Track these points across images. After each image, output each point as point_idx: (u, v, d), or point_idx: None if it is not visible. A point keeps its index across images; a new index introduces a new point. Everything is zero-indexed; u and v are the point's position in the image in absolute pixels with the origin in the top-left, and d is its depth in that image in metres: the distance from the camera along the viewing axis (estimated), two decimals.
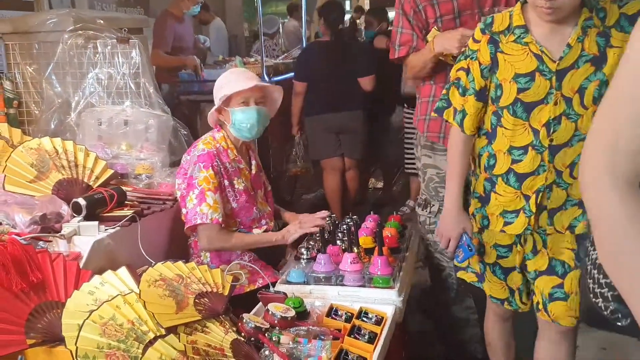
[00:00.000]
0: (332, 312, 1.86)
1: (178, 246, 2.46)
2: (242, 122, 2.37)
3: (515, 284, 2.02)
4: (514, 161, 1.86)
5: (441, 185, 2.41)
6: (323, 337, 1.66)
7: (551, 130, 1.79)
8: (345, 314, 1.85)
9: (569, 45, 1.75)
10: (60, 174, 2.29)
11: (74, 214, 2.13)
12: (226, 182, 2.36)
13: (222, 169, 2.35)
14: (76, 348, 1.64)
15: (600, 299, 1.08)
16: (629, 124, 0.83)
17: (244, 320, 1.71)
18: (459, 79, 1.94)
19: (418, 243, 2.53)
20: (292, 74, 4.66)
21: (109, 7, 5.14)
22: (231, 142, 2.43)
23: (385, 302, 1.93)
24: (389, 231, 2.31)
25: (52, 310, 1.80)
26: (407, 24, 2.37)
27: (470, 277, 2.14)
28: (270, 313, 1.74)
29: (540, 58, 1.77)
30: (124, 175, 2.58)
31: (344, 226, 2.33)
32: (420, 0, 2.32)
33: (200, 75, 4.73)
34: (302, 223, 2.39)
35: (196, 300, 1.74)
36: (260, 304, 1.92)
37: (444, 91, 2.01)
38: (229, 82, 2.40)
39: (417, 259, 2.62)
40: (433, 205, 2.50)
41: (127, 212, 2.19)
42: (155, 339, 1.64)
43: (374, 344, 1.70)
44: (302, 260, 2.18)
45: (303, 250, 2.22)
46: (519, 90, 1.81)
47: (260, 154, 3.46)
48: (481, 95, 1.90)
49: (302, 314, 1.83)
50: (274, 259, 2.49)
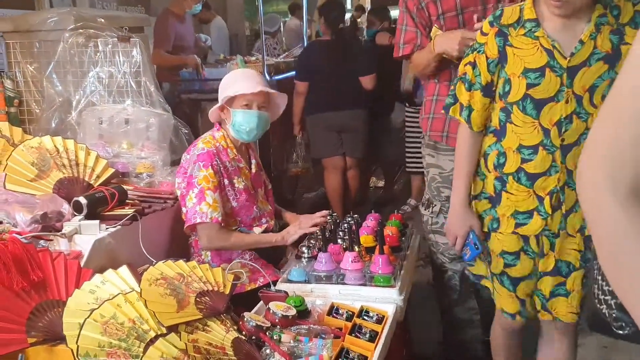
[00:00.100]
0: (333, 311, 1.86)
1: (179, 245, 2.46)
2: (242, 125, 2.36)
3: (525, 292, 1.96)
4: (524, 160, 1.82)
5: (443, 185, 2.40)
6: (324, 336, 1.66)
7: (563, 130, 1.75)
8: (346, 312, 1.85)
9: (581, 42, 1.70)
10: (61, 172, 2.28)
11: (75, 213, 2.13)
12: (226, 181, 2.36)
13: (222, 168, 2.35)
14: (77, 347, 1.64)
15: (604, 306, 1.07)
16: (632, 122, 0.80)
17: (245, 319, 1.71)
18: (465, 73, 1.89)
19: (419, 242, 2.52)
20: (293, 72, 4.65)
21: (110, 6, 5.14)
22: (231, 141, 2.43)
23: (386, 301, 1.92)
24: (390, 230, 2.31)
25: (53, 309, 1.80)
26: (411, 22, 2.35)
27: (480, 270, 2.08)
28: (271, 312, 1.74)
29: (551, 53, 1.72)
30: (125, 174, 2.58)
31: (345, 225, 2.32)
32: None
33: (201, 74, 4.73)
34: (302, 224, 2.39)
35: (197, 299, 1.75)
36: (262, 302, 1.92)
37: (452, 87, 1.97)
38: (235, 83, 2.38)
39: (418, 257, 2.62)
40: (435, 205, 2.47)
41: (128, 211, 2.19)
42: (157, 337, 1.64)
43: (375, 343, 1.69)
44: (303, 259, 2.18)
45: (304, 249, 2.21)
46: (529, 86, 1.75)
47: (261, 153, 3.46)
48: (487, 90, 1.85)
49: (303, 313, 1.83)
50: (274, 257, 2.48)
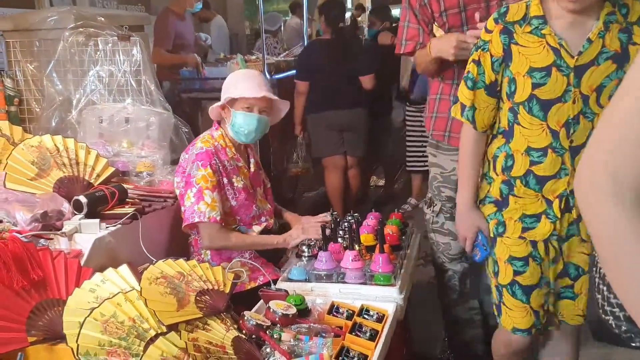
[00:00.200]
0: (334, 310, 1.86)
1: (179, 244, 2.46)
2: (241, 127, 2.36)
3: (539, 303, 1.86)
4: (533, 163, 1.77)
5: (444, 185, 2.38)
6: (324, 335, 1.66)
7: (571, 131, 1.70)
8: (347, 311, 1.85)
9: (590, 40, 1.65)
10: (62, 171, 2.28)
11: (75, 212, 2.13)
12: (225, 180, 2.35)
13: (221, 167, 2.35)
14: (77, 346, 1.64)
15: (611, 317, 1.04)
16: (637, 124, 0.78)
17: (245, 318, 1.71)
18: (469, 71, 1.83)
19: (419, 241, 2.52)
20: (294, 71, 4.65)
21: (110, 5, 5.15)
22: (229, 141, 2.43)
23: (387, 300, 1.92)
24: (390, 229, 2.31)
25: (53, 307, 1.80)
26: (414, 19, 2.31)
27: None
28: (271, 310, 1.74)
29: (558, 52, 1.67)
30: (125, 173, 2.58)
31: (346, 224, 2.32)
32: None
33: (201, 73, 4.73)
34: (305, 229, 2.38)
35: (197, 298, 1.74)
36: (262, 301, 1.92)
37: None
38: (239, 84, 2.38)
39: (418, 256, 2.62)
40: (436, 204, 2.45)
41: (128, 210, 2.19)
42: (157, 336, 1.64)
43: (375, 342, 1.69)
44: (304, 258, 2.18)
45: (304, 247, 2.21)
46: (534, 86, 1.70)
47: (261, 152, 3.46)
48: (491, 89, 1.80)
49: (304, 312, 1.82)
50: (275, 256, 2.48)
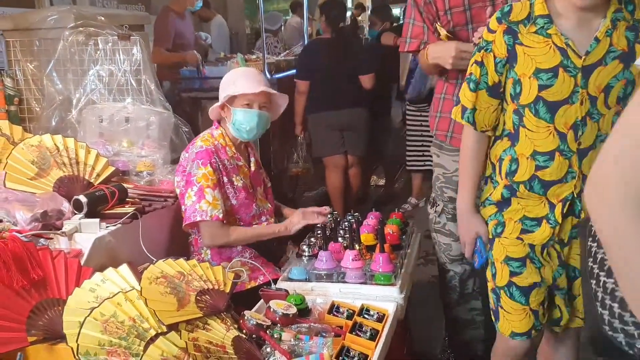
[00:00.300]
0: (334, 309, 1.86)
1: (179, 243, 2.45)
2: (242, 124, 2.36)
3: (538, 302, 1.82)
4: (539, 167, 1.71)
5: (446, 185, 2.36)
6: (325, 334, 1.66)
7: (579, 133, 1.65)
8: (347, 311, 1.85)
9: (597, 39, 1.61)
10: (62, 171, 2.28)
11: (75, 211, 2.12)
12: (225, 179, 2.35)
13: (221, 166, 2.34)
14: (77, 345, 1.64)
15: (622, 335, 0.99)
16: None
17: (246, 318, 1.71)
18: (471, 73, 1.77)
19: (419, 240, 2.52)
20: (294, 70, 4.65)
21: (110, 4, 5.15)
22: (229, 140, 2.43)
23: (387, 299, 1.92)
24: (390, 228, 2.31)
25: (53, 307, 1.80)
26: (419, 16, 2.28)
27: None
28: (271, 310, 1.74)
29: (565, 52, 1.62)
30: (125, 173, 2.58)
31: (346, 223, 2.32)
32: None
33: (201, 71, 4.73)
34: (305, 214, 2.40)
35: (197, 298, 1.74)
36: (262, 301, 1.92)
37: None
38: (237, 81, 2.38)
39: (419, 256, 2.62)
40: (438, 205, 2.43)
41: (129, 210, 2.18)
42: (157, 336, 1.64)
43: (376, 341, 1.69)
44: (304, 258, 2.19)
45: (305, 247, 2.21)
46: (541, 88, 1.65)
47: (261, 152, 3.46)
48: (494, 91, 1.75)
49: (304, 311, 1.83)
50: (275, 256, 2.48)
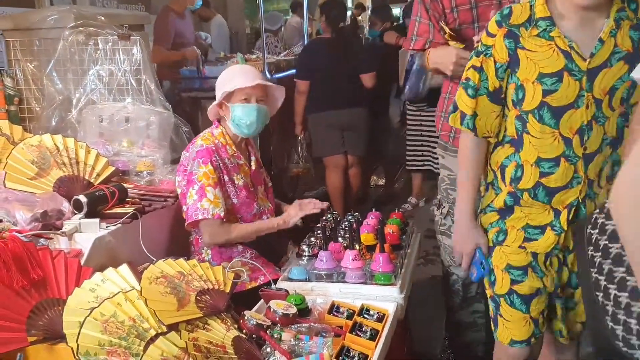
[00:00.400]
0: (334, 309, 1.86)
1: (179, 243, 2.45)
2: (242, 119, 2.36)
3: (539, 310, 1.77)
4: (544, 174, 1.66)
5: (452, 187, 2.34)
6: (325, 334, 1.66)
7: (585, 138, 1.61)
8: (347, 311, 1.85)
9: (601, 40, 1.56)
10: (62, 171, 2.28)
11: (75, 211, 2.12)
12: (226, 178, 2.35)
13: (222, 165, 2.34)
14: (77, 345, 1.64)
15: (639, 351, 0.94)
16: None
17: (246, 318, 1.71)
18: (468, 78, 1.71)
19: (419, 240, 2.52)
20: (294, 70, 4.65)
21: (110, 4, 5.15)
22: (230, 138, 2.43)
23: (387, 299, 1.92)
24: (390, 228, 2.31)
25: (53, 307, 1.80)
26: (425, 14, 2.26)
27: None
28: (271, 310, 1.74)
29: (569, 55, 1.58)
30: (125, 172, 2.58)
31: (346, 223, 2.32)
32: None
33: (201, 71, 4.73)
34: (302, 205, 2.41)
35: (197, 298, 1.74)
36: (262, 301, 1.92)
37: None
38: (232, 78, 2.39)
39: (419, 255, 2.61)
40: (444, 206, 2.41)
41: (129, 209, 2.19)
42: (157, 336, 1.63)
43: (376, 341, 1.69)
44: (304, 257, 2.19)
45: (305, 247, 2.21)
46: (545, 93, 1.60)
47: (261, 151, 3.46)
48: (495, 96, 1.69)
49: (304, 311, 1.83)
50: (275, 256, 2.48)
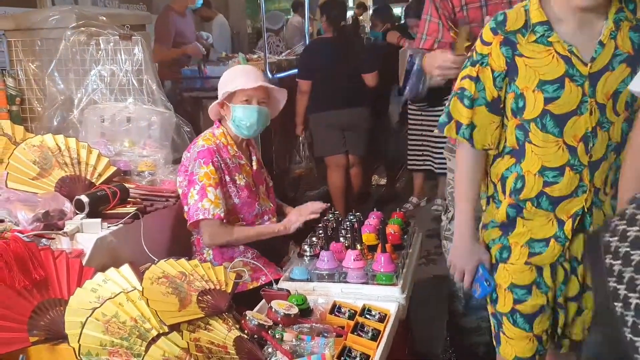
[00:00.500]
0: (335, 309, 1.85)
1: (181, 243, 2.45)
2: (242, 120, 2.36)
3: (543, 328, 1.70)
4: (547, 183, 1.59)
5: None
6: (326, 335, 1.66)
7: (590, 145, 1.54)
8: (349, 311, 1.85)
9: (602, 43, 1.51)
10: (63, 171, 2.28)
11: (77, 211, 2.13)
12: (227, 178, 2.35)
13: (223, 165, 2.34)
14: (79, 345, 1.64)
15: None
16: None
17: (247, 318, 1.71)
18: (463, 88, 1.63)
19: (421, 240, 2.52)
20: (295, 70, 4.65)
21: (112, 4, 5.15)
22: (231, 138, 2.43)
23: (389, 299, 1.92)
24: (392, 228, 2.31)
25: (55, 307, 1.80)
26: (435, 13, 2.23)
27: None
28: (273, 310, 1.74)
29: (569, 60, 1.52)
30: (127, 172, 2.58)
31: (347, 223, 2.32)
32: None
33: (203, 71, 4.73)
34: (301, 211, 2.42)
35: (199, 298, 1.74)
36: (264, 301, 1.92)
37: (447, 103, 1.71)
38: (234, 78, 2.39)
39: (420, 255, 2.61)
40: (450, 211, 2.37)
41: (130, 209, 2.19)
42: (158, 336, 1.63)
43: (377, 341, 1.69)
44: (305, 258, 2.18)
45: (306, 247, 2.21)
46: (547, 101, 1.54)
47: (263, 151, 3.46)
48: (494, 107, 1.62)
49: (305, 311, 1.82)
50: (277, 256, 2.48)
